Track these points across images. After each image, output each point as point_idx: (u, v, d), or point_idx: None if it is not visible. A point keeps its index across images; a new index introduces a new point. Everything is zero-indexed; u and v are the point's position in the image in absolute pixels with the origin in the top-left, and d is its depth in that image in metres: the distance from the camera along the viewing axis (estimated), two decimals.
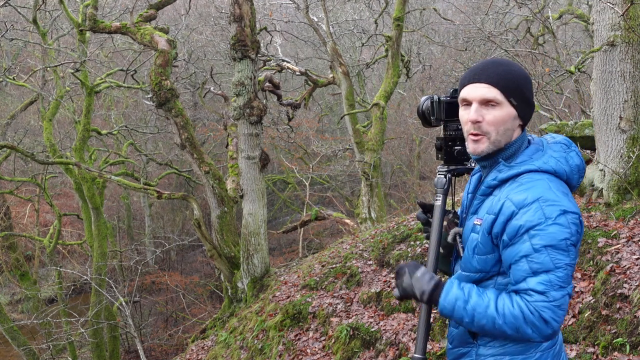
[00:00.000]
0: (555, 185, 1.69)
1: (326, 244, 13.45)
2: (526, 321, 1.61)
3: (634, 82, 4.70)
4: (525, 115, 1.79)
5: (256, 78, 8.10)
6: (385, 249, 6.07)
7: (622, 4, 4.63)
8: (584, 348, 3.41)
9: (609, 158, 4.84)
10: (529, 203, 1.64)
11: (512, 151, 1.78)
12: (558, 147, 1.79)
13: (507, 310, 1.63)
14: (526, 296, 1.62)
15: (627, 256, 3.82)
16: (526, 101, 1.78)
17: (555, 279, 1.60)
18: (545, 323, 1.60)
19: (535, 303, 1.61)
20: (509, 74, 1.75)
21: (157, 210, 22.70)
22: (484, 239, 1.75)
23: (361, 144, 11.06)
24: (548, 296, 1.60)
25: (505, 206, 1.69)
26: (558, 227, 1.61)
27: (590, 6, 10.88)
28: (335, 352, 4.95)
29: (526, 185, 1.68)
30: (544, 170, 1.72)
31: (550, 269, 1.61)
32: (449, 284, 1.73)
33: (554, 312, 1.60)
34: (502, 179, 1.75)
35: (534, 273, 1.62)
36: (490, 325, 1.66)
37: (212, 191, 8.59)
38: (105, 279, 12.84)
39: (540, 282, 1.61)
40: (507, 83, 1.74)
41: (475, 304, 1.68)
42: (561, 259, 1.61)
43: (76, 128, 14.48)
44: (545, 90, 8.92)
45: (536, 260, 1.62)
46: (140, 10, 9.60)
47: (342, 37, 17.60)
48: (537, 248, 1.61)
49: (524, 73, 1.79)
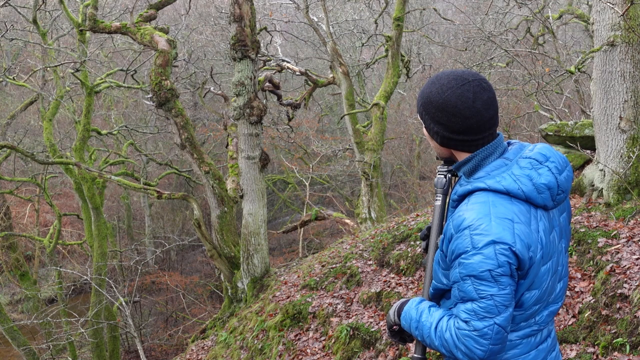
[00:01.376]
0: (497, 210, 1.60)
1: (326, 244, 13.46)
2: (456, 346, 1.63)
3: (634, 82, 4.70)
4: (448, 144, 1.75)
5: (256, 78, 8.10)
6: (385, 249, 6.07)
7: (622, 4, 4.63)
8: (584, 348, 3.41)
9: (609, 158, 4.84)
10: (462, 229, 1.61)
11: (472, 166, 1.73)
12: (525, 163, 1.69)
13: (443, 334, 1.66)
14: (456, 321, 1.64)
15: (627, 256, 3.82)
16: (431, 129, 1.76)
17: (479, 309, 1.58)
18: (470, 350, 1.61)
19: (459, 330, 1.62)
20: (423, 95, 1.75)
21: (157, 210, 22.70)
22: (441, 255, 1.76)
23: (361, 144, 11.06)
24: (469, 325, 1.60)
25: (448, 227, 1.69)
26: (481, 257, 1.57)
27: (590, 6, 10.88)
28: (335, 352, 4.95)
29: (468, 207, 1.64)
30: (494, 189, 1.64)
31: (474, 299, 1.59)
32: (409, 305, 1.81)
33: (476, 341, 1.59)
34: (460, 195, 1.73)
35: (461, 300, 1.63)
36: (434, 345, 1.70)
37: (212, 191, 8.59)
38: (105, 279, 12.84)
39: (464, 310, 1.61)
40: (418, 102, 1.78)
41: (422, 326, 1.73)
42: (484, 289, 1.58)
43: (76, 128, 14.49)
44: (545, 90, 8.93)
45: (461, 289, 1.62)
46: (140, 10, 9.60)
47: (342, 37, 17.60)
48: (463, 277, 1.61)
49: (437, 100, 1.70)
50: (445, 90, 1.68)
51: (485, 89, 1.69)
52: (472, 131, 1.69)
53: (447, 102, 1.68)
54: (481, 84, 1.69)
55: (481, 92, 1.67)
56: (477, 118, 1.67)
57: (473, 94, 1.66)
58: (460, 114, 1.67)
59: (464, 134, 1.70)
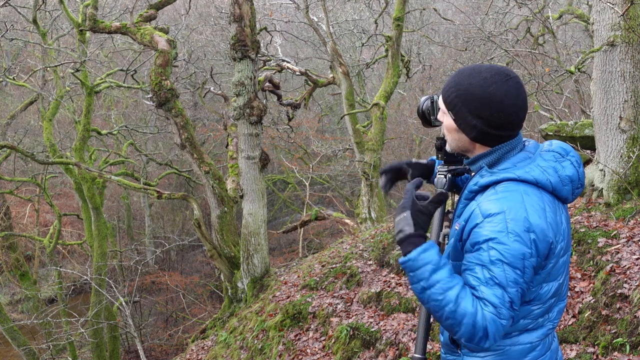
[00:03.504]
0: (531, 199, 1.61)
1: (326, 244, 13.45)
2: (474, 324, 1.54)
3: (634, 82, 4.70)
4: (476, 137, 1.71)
5: (256, 78, 8.10)
6: (385, 249, 6.07)
7: (622, 4, 4.63)
8: (584, 348, 3.41)
9: (609, 158, 4.84)
10: (495, 214, 1.58)
11: (496, 157, 1.72)
12: (549, 156, 1.71)
13: (464, 304, 1.55)
14: (483, 303, 1.56)
15: (627, 256, 3.82)
16: (464, 120, 1.70)
17: (507, 297, 1.55)
18: (485, 335, 1.55)
19: (487, 313, 1.55)
20: (453, 85, 1.70)
21: (157, 210, 22.70)
22: (455, 245, 1.73)
23: (361, 144, 11.06)
24: (500, 312, 1.55)
25: (474, 214, 1.64)
26: (518, 243, 1.55)
27: (590, 6, 10.88)
28: (335, 352, 4.95)
29: (499, 195, 1.62)
30: (524, 179, 1.64)
31: (503, 285, 1.55)
32: (430, 244, 1.63)
33: (498, 329, 1.55)
34: (482, 185, 1.70)
35: (487, 283, 1.56)
36: (439, 305, 1.57)
37: (212, 191, 8.59)
38: (105, 279, 12.84)
39: (494, 294, 1.55)
40: (447, 94, 1.72)
41: (441, 278, 1.58)
42: (514, 277, 1.55)
43: (76, 128, 14.49)
44: (545, 90, 8.92)
45: (490, 272, 1.56)
46: (140, 10, 9.60)
47: (342, 37, 17.60)
48: (494, 260, 1.56)
49: (476, 92, 1.65)
50: (490, 85, 1.65)
51: (523, 86, 1.71)
52: (509, 127, 1.68)
53: (493, 96, 1.64)
54: (520, 81, 1.70)
55: (521, 89, 1.68)
56: (517, 115, 1.67)
57: (516, 90, 1.66)
58: (505, 110, 1.65)
59: (501, 130, 1.68)
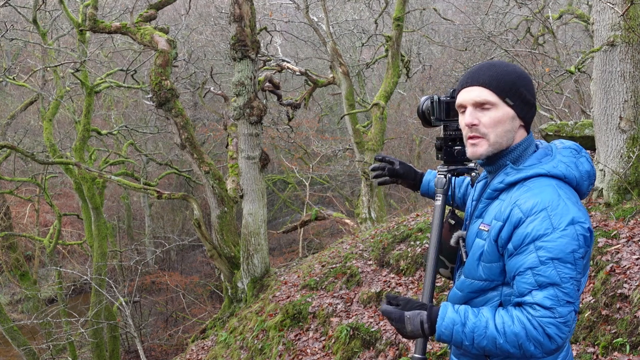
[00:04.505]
0: (565, 193, 1.63)
1: (326, 244, 13.45)
2: (529, 338, 1.56)
3: (634, 82, 4.70)
4: (526, 116, 1.74)
5: (256, 78, 8.10)
6: (385, 249, 6.07)
7: (622, 4, 4.62)
8: (584, 348, 3.41)
9: (609, 158, 4.84)
10: (537, 211, 1.58)
11: (519, 153, 1.73)
12: (568, 152, 1.74)
13: (508, 329, 1.58)
14: (531, 310, 1.57)
15: (627, 256, 3.82)
16: (524, 100, 1.72)
17: (562, 294, 1.55)
18: (549, 339, 1.55)
19: (540, 318, 1.55)
20: (502, 74, 1.71)
21: (157, 210, 22.70)
22: (490, 247, 1.69)
23: (361, 144, 11.06)
24: (554, 312, 1.55)
25: (513, 213, 1.63)
26: (566, 238, 1.55)
27: (590, 6, 10.88)
28: (335, 352, 4.95)
29: (535, 191, 1.62)
30: (554, 175, 1.66)
31: (557, 283, 1.55)
32: (443, 309, 1.66)
33: (559, 328, 1.55)
34: (510, 182, 1.70)
35: (539, 286, 1.56)
36: (492, 345, 1.59)
37: (212, 191, 8.59)
38: (105, 279, 12.84)
39: (547, 296, 1.55)
40: (499, 83, 1.70)
41: (473, 326, 1.61)
42: (567, 272, 1.55)
43: (76, 128, 14.49)
44: (545, 90, 8.92)
45: (542, 274, 1.56)
46: (140, 10, 9.60)
47: (342, 37, 17.60)
48: (544, 260, 1.55)
49: (521, 72, 1.74)
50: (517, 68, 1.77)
51: None
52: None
53: (529, 78, 1.78)
54: None
55: None
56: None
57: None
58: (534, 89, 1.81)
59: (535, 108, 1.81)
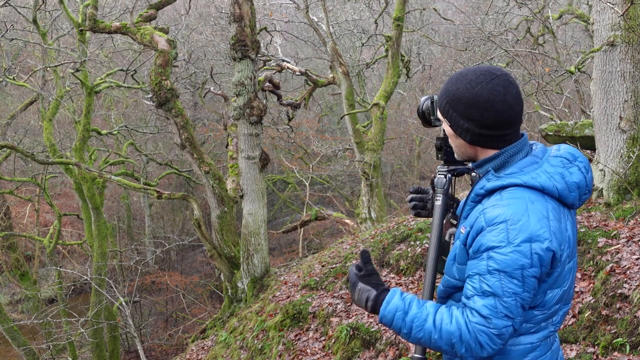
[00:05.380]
0: (535, 207, 1.60)
1: (326, 244, 13.45)
2: (461, 340, 1.59)
3: (634, 82, 4.70)
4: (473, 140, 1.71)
5: (256, 78, 8.10)
6: (385, 249, 6.07)
7: (622, 4, 4.63)
8: (584, 348, 3.41)
9: (609, 158, 4.84)
10: (497, 223, 1.58)
11: (503, 160, 1.70)
12: (556, 162, 1.69)
13: (444, 327, 1.61)
14: (469, 314, 1.60)
15: (627, 256, 3.82)
16: (457, 125, 1.71)
17: (502, 307, 1.56)
18: (480, 346, 1.58)
19: (475, 325, 1.58)
20: (445, 92, 1.72)
21: (157, 210, 22.70)
22: (460, 249, 1.73)
23: (361, 144, 11.06)
24: (490, 322, 1.56)
25: (478, 220, 1.64)
26: (517, 254, 1.55)
27: (590, 6, 10.88)
28: (335, 352, 4.95)
29: (504, 202, 1.61)
30: (530, 185, 1.63)
31: (498, 295, 1.56)
32: (391, 294, 1.70)
33: (491, 339, 1.57)
34: (489, 190, 1.69)
35: (482, 293, 1.58)
36: (427, 338, 1.64)
37: (212, 191, 8.59)
38: (105, 279, 12.84)
39: (486, 305, 1.57)
40: (440, 100, 1.74)
41: (413, 316, 1.65)
42: (512, 287, 1.56)
43: (76, 128, 14.48)
44: (545, 90, 8.92)
45: (486, 282, 1.57)
46: (140, 10, 9.60)
47: (342, 37, 17.60)
48: (491, 270, 1.57)
49: (464, 95, 1.66)
50: (474, 86, 1.65)
51: (513, 83, 1.68)
52: (503, 125, 1.67)
53: (478, 97, 1.65)
54: (508, 78, 1.68)
55: (510, 86, 1.67)
56: (508, 112, 1.66)
57: (504, 88, 1.65)
58: (493, 109, 1.64)
59: (495, 129, 1.67)
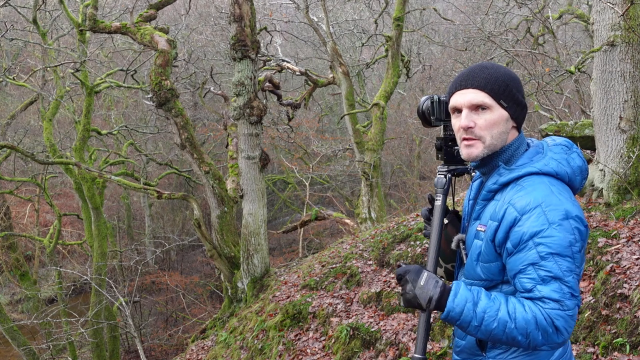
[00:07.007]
0: (557, 189, 1.66)
1: (326, 244, 13.46)
2: (538, 327, 1.58)
3: (634, 82, 4.70)
4: (518, 117, 1.78)
5: (256, 78, 8.10)
6: (385, 249, 6.07)
7: (622, 4, 4.63)
8: (584, 348, 3.41)
9: (609, 158, 4.84)
10: (532, 208, 1.61)
11: (510, 153, 1.76)
12: (559, 149, 1.77)
13: (519, 315, 1.59)
14: (540, 303, 1.59)
15: (627, 256, 3.82)
16: (517, 102, 1.76)
17: (566, 288, 1.58)
18: (557, 331, 1.58)
19: (550, 310, 1.57)
20: (496, 77, 1.74)
21: (157, 210, 22.69)
22: (487, 247, 1.72)
23: (361, 144, 11.06)
24: (563, 305, 1.57)
25: (507, 212, 1.66)
26: (562, 232, 1.59)
27: (590, 6, 10.88)
28: (335, 352, 4.95)
29: (528, 189, 1.65)
30: (545, 172, 1.69)
31: (560, 277, 1.58)
32: (456, 285, 1.67)
33: (567, 321, 1.58)
34: (503, 183, 1.73)
35: (543, 281, 1.59)
36: (501, 329, 1.59)
37: (212, 191, 8.59)
38: (105, 279, 12.83)
39: (553, 290, 1.58)
40: (494, 86, 1.73)
41: (485, 306, 1.61)
42: (568, 265, 1.58)
43: (76, 128, 14.48)
44: (545, 90, 8.92)
45: (544, 268, 1.58)
46: (140, 10, 9.60)
47: (342, 37, 17.60)
48: (544, 255, 1.58)
49: (512, 74, 1.77)
50: (512, 72, 1.79)
51: None
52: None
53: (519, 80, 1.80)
54: None
55: None
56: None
57: None
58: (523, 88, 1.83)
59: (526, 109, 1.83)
